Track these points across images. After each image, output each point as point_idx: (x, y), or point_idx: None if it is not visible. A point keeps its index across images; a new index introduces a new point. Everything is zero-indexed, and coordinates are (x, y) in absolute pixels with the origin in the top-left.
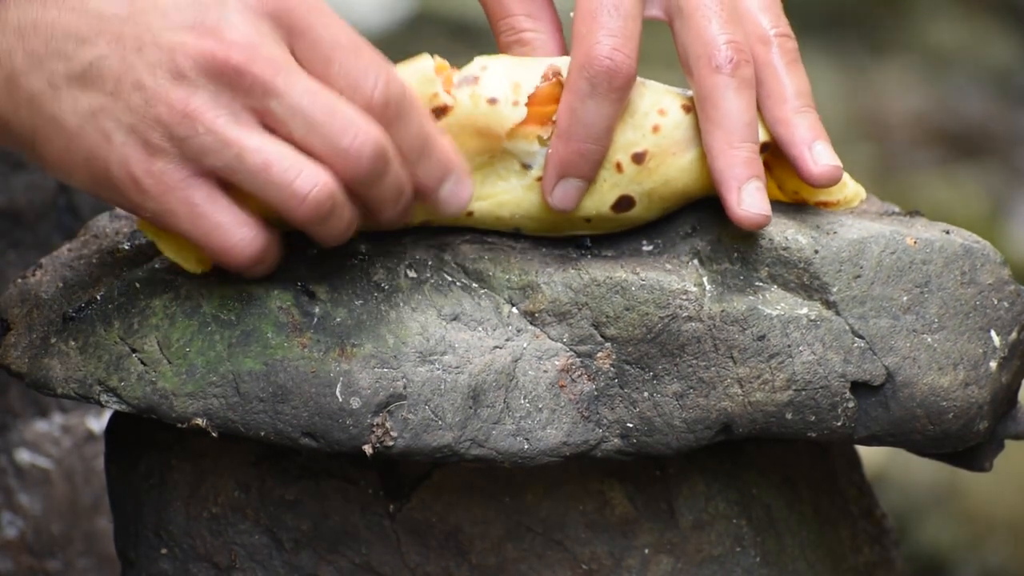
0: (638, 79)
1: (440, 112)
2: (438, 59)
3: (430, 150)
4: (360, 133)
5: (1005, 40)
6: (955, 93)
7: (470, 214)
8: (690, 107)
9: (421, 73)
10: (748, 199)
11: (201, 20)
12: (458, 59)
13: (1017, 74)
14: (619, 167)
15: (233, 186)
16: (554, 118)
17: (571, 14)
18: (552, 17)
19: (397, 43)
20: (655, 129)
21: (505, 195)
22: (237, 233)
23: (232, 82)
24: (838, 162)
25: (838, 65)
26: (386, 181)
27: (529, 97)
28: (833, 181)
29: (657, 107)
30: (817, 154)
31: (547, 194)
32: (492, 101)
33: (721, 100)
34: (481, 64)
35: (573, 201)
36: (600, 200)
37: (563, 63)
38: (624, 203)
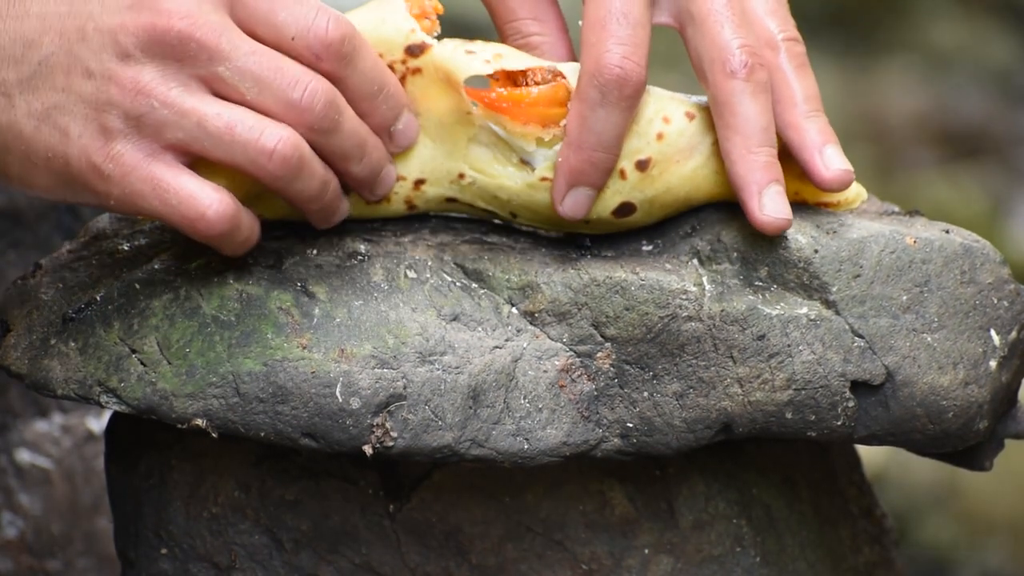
0: None
1: (417, 51)
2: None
3: (383, 86)
4: (309, 85)
5: (1005, 40)
6: (955, 93)
7: (472, 183)
8: (693, 114)
9: (392, 7)
10: (770, 204)
11: None
12: None
13: (1017, 74)
14: (623, 174)
15: (199, 164)
16: (562, 123)
17: (579, 22)
18: (558, 20)
19: None
20: (659, 137)
21: (506, 180)
22: (205, 199)
23: (177, 52)
24: (849, 166)
25: (838, 65)
26: (344, 129)
27: (531, 98)
28: (845, 185)
29: (661, 115)
30: (828, 158)
31: (557, 203)
32: (470, 52)
33: (738, 105)
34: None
35: (584, 209)
36: (602, 206)
37: (567, 68)
38: (625, 209)
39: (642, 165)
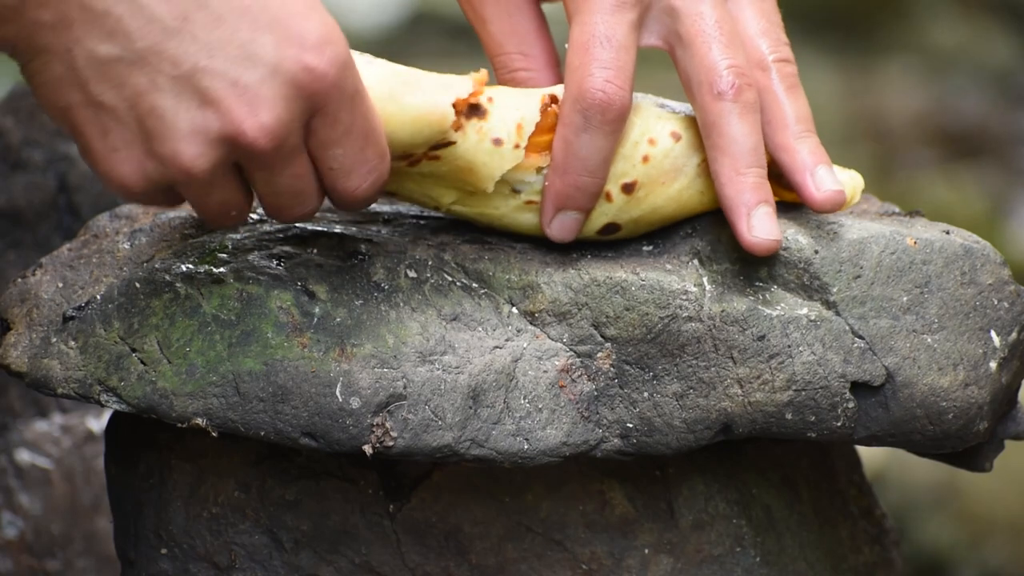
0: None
1: (441, 146)
2: (476, 79)
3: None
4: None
5: (1005, 40)
6: (955, 93)
7: (454, 204)
8: (680, 134)
9: (441, 112)
10: (759, 225)
11: (237, 77)
12: (458, 59)
13: (1017, 74)
14: (608, 197)
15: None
16: None
17: (566, 45)
18: (546, 52)
19: (397, 43)
20: (645, 159)
21: (490, 209)
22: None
23: (244, 155)
24: (840, 187)
25: (838, 65)
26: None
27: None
28: (836, 206)
29: (647, 136)
30: (819, 180)
31: (545, 226)
32: (497, 142)
33: (726, 127)
34: (488, 96)
35: (572, 233)
36: (588, 226)
37: (561, 92)
38: (610, 228)
39: (628, 188)
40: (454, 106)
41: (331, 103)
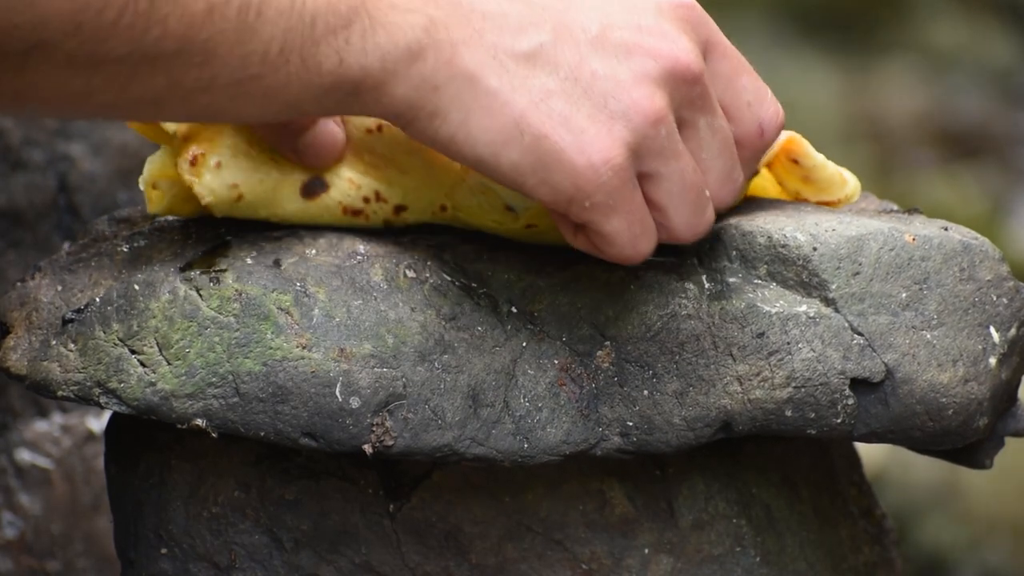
0: None
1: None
2: None
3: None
4: (739, 180)
5: (1005, 40)
6: (955, 93)
7: (454, 216)
8: None
9: None
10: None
11: (638, 22)
12: None
13: (1017, 74)
14: None
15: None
16: None
17: None
18: None
19: None
20: None
21: (489, 223)
22: (646, 244)
23: (686, 90)
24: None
25: (838, 65)
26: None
27: None
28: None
29: None
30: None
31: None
32: None
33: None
34: None
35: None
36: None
37: None
38: None
39: None
40: None
41: (713, 33)
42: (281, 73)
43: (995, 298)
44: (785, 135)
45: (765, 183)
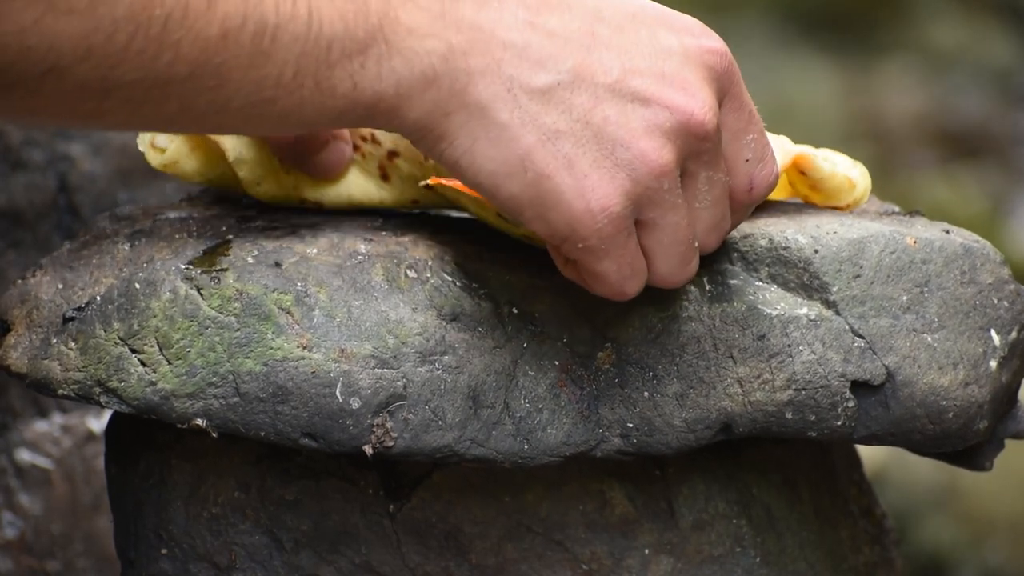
0: None
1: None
2: None
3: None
4: (720, 237)
5: (1005, 40)
6: (955, 93)
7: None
8: None
9: None
10: None
11: (661, 69)
12: None
13: (1017, 74)
14: None
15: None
16: None
17: None
18: None
19: None
20: None
21: (481, 212)
22: (635, 286)
23: (696, 145)
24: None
25: (838, 65)
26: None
27: None
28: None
29: None
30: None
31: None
32: None
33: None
34: None
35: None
36: None
37: None
38: None
39: None
40: None
41: (734, 84)
42: (295, 96)
43: (996, 301)
44: (796, 150)
45: None
